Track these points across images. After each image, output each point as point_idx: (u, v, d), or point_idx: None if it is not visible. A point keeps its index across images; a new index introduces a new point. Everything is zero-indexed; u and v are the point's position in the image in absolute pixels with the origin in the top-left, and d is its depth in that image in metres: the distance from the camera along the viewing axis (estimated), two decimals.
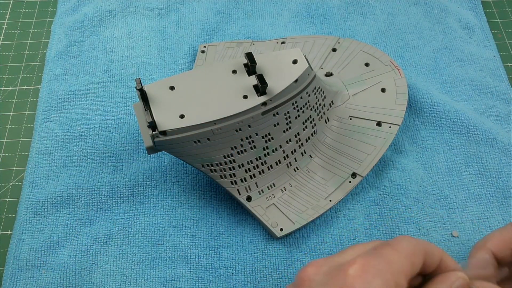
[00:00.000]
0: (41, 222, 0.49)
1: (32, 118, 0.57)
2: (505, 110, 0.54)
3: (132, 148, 0.53)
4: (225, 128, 0.43)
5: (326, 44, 0.57)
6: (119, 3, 0.65)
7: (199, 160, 0.44)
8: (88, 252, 0.47)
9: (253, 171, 0.47)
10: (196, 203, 0.50)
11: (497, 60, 0.59)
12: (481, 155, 0.51)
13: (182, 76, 0.45)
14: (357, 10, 0.64)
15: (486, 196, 0.49)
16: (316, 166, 0.49)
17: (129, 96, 0.57)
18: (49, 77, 0.59)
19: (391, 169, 0.51)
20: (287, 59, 0.45)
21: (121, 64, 0.60)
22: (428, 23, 0.62)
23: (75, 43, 0.61)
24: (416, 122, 0.54)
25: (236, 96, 0.43)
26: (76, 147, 0.53)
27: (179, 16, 0.64)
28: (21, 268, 0.46)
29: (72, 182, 0.51)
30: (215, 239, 0.48)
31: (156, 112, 0.42)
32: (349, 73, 0.54)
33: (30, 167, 0.52)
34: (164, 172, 0.51)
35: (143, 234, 0.48)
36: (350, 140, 0.50)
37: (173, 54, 0.60)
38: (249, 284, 0.45)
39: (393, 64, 0.54)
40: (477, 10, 0.63)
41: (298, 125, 0.47)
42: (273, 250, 0.47)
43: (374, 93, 0.52)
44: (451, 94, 0.56)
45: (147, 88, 0.43)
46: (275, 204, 0.47)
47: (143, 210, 0.49)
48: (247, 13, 0.64)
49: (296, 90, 0.45)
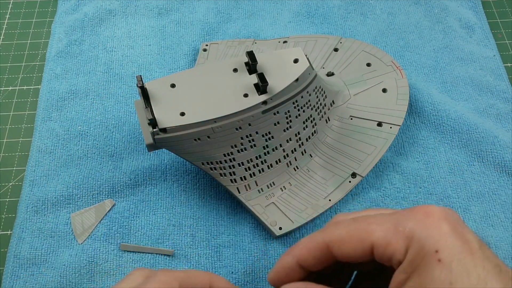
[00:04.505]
0: (41, 221, 0.49)
1: (32, 118, 0.57)
2: (506, 109, 0.54)
3: (132, 147, 0.53)
4: (225, 127, 0.43)
5: (328, 44, 0.57)
6: (119, 3, 0.65)
7: (199, 158, 0.44)
8: (88, 250, 0.47)
9: (253, 169, 0.47)
10: (196, 202, 0.50)
11: (497, 59, 0.59)
12: (482, 154, 0.51)
13: (183, 74, 0.45)
14: (357, 9, 0.64)
15: (488, 195, 0.49)
16: (316, 165, 0.49)
17: (129, 95, 0.57)
18: (50, 76, 0.59)
19: (391, 170, 0.51)
20: (288, 58, 0.45)
21: (121, 64, 0.60)
22: (428, 22, 0.62)
23: (75, 43, 0.61)
24: (417, 122, 0.54)
25: (236, 95, 0.43)
26: (77, 146, 0.53)
27: (179, 15, 0.64)
28: (21, 267, 0.46)
29: (72, 181, 0.51)
30: (215, 238, 0.48)
31: (157, 109, 0.42)
32: (351, 73, 0.54)
33: (31, 166, 0.52)
34: (164, 171, 0.51)
35: (143, 232, 0.48)
36: (350, 140, 0.50)
37: (173, 53, 0.60)
38: (249, 283, 0.45)
39: (395, 64, 0.54)
40: (477, 9, 0.64)
41: (298, 124, 0.47)
42: (272, 250, 0.47)
43: (375, 93, 0.52)
44: (452, 93, 0.56)
45: (148, 86, 0.43)
46: (274, 203, 0.47)
47: (143, 209, 0.49)
48: (247, 13, 0.64)
49: (297, 89, 0.45)
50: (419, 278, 0.27)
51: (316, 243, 0.31)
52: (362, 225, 0.30)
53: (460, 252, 0.27)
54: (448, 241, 0.27)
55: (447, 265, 0.26)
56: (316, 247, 0.31)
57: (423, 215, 0.29)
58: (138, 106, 0.44)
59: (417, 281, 0.27)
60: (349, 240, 0.30)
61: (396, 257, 0.28)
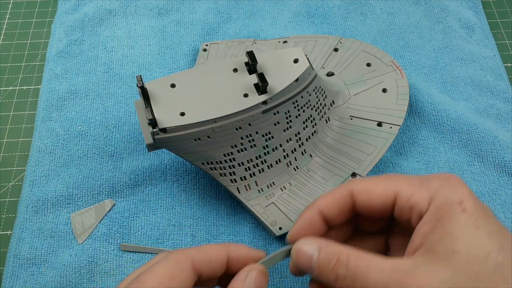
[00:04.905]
0: (41, 221, 0.49)
1: (32, 118, 0.57)
2: (506, 109, 0.54)
3: (132, 147, 0.53)
4: (225, 127, 0.43)
5: (328, 44, 0.57)
6: (119, 3, 0.65)
7: (199, 158, 0.44)
8: (88, 250, 0.47)
9: (253, 169, 0.47)
10: (196, 202, 0.50)
11: (497, 59, 0.59)
12: (482, 154, 0.51)
13: (183, 74, 0.45)
14: (357, 9, 0.64)
15: (488, 195, 0.49)
16: (316, 165, 0.49)
17: (129, 95, 0.57)
18: (50, 76, 0.59)
19: (391, 170, 0.51)
20: (288, 58, 0.45)
21: (121, 64, 0.60)
22: (428, 22, 0.62)
23: (75, 42, 0.61)
24: (417, 122, 0.54)
25: (236, 95, 0.43)
26: (77, 146, 0.53)
27: (179, 15, 0.64)
28: (21, 267, 0.46)
29: (72, 181, 0.51)
30: (215, 238, 0.48)
31: (157, 109, 0.42)
32: (351, 73, 0.54)
33: (31, 166, 0.52)
34: (164, 171, 0.51)
35: (143, 232, 0.48)
36: (350, 140, 0.50)
37: (173, 53, 0.60)
38: None
39: (395, 64, 0.54)
40: (477, 9, 0.64)
41: (298, 124, 0.47)
42: (272, 250, 0.47)
43: (375, 93, 0.52)
44: (452, 93, 0.56)
45: (148, 86, 0.43)
46: (274, 203, 0.47)
47: (143, 209, 0.49)
48: (247, 13, 0.64)
49: (297, 89, 0.45)
50: (444, 227, 0.28)
51: (340, 191, 0.33)
52: (388, 177, 0.33)
53: (480, 207, 0.29)
54: (469, 196, 0.29)
55: (471, 213, 0.28)
56: (341, 195, 0.33)
57: (445, 177, 0.31)
58: (138, 106, 0.44)
59: (442, 231, 0.28)
60: (374, 188, 0.32)
61: (419, 208, 0.30)
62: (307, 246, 0.32)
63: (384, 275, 0.28)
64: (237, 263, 0.34)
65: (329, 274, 0.30)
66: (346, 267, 0.29)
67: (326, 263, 0.30)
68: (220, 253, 0.33)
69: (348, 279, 0.29)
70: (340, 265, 0.30)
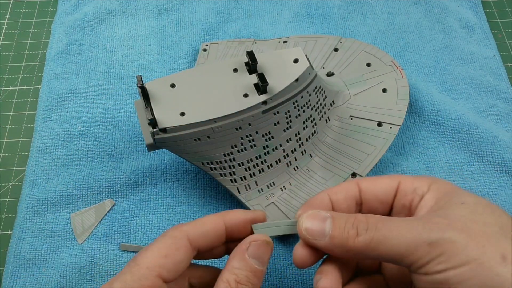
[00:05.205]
0: (41, 221, 0.49)
1: (32, 118, 0.57)
2: (506, 109, 0.54)
3: (132, 147, 0.53)
4: (225, 127, 0.43)
5: (328, 44, 0.57)
6: (119, 3, 0.65)
7: (199, 158, 0.44)
8: (88, 250, 0.47)
9: (253, 169, 0.47)
10: (196, 202, 0.50)
11: (497, 59, 0.59)
12: (482, 154, 0.51)
13: (183, 74, 0.45)
14: (357, 9, 0.64)
15: (488, 195, 0.49)
16: (316, 165, 0.49)
17: (129, 95, 0.57)
18: (50, 76, 0.59)
19: (391, 170, 0.51)
20: (288, 58, 0.45)
21: (121, 64, 0.60)
22: (428, 22, 0.62)
23: (75, 42, 0.61)
24: (417, 122, 0.54)
25: (236, 95, 0.43)
26: (77, 146, 0.53)
27: (179, 15, 0.64)
28: (21, 267, 0.46)
29: (72, 181, 0.51)
30: None
31: (157, 109, 0.42)
32: (351, 73, 0.54)
33: (31, 166, 0.52)
34: (164, 171, 0.51)
35: (143, 232, 0.48)
36: (350, 140, 0.50)
37: (173, 53, 0.60)
38: None
39: (395, 64, 0.54)
40: (477, 9, 0.64)
41: (298, 124, 0.47)
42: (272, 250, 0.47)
43: (375, 93, 0.52)
44: (452, 93, 0.56)
45: (148, 85, 0.43)
46: (274, 203, 0.47)
47: (143, 209, 0.49)
48: (247, 13, 0.64)
49: (297, 89, 0.45)
50: (449, 196, 0.31)
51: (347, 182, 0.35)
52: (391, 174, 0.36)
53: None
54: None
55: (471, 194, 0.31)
56: (348, 183, 0.35)
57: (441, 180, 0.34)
58: (138, 106, 0.44)
59: (447, 197, 0.31)
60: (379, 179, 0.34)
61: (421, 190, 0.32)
62: (321, 212, 0.32)
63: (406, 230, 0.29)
64: (237, 229, 0.34)
65: (347, 237, 0.30)
66: (366, 223, 0.30)
67: (342, 223, 0.31)
68: (217, 224, 0.33)
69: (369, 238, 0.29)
70: (360, 222, 0.30)
